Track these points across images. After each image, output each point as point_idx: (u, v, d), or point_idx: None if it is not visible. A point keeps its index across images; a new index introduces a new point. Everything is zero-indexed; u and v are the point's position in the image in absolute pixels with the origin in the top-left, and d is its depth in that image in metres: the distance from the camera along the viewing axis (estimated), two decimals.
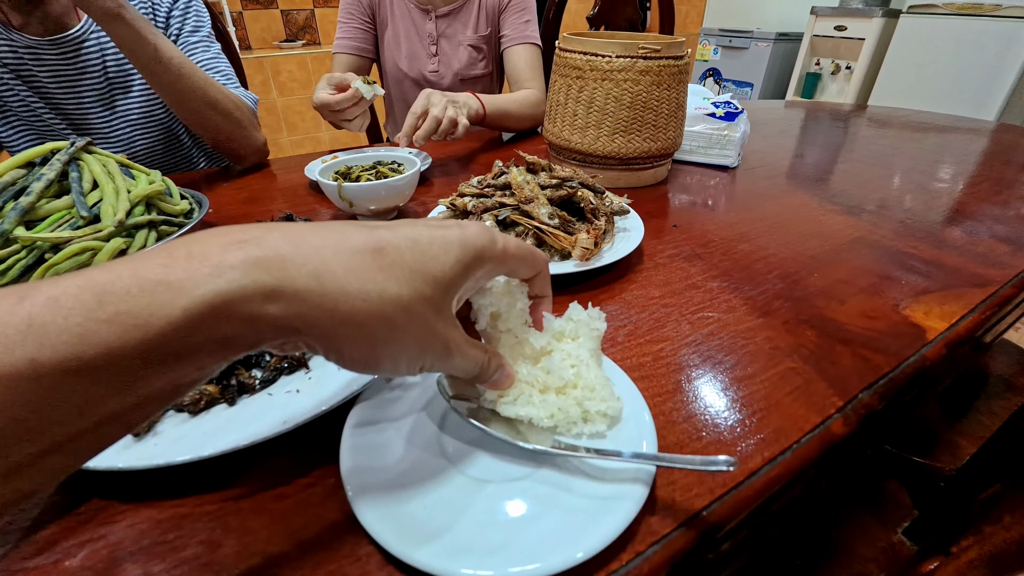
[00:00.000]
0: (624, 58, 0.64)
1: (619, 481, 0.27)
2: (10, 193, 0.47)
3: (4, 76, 0.75)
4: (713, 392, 0.36)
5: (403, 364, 0.23)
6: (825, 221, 0.64)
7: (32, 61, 0.75)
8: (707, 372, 0.38)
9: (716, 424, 0.34)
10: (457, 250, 0.23)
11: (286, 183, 0.79)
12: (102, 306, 0.16)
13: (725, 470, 0.24)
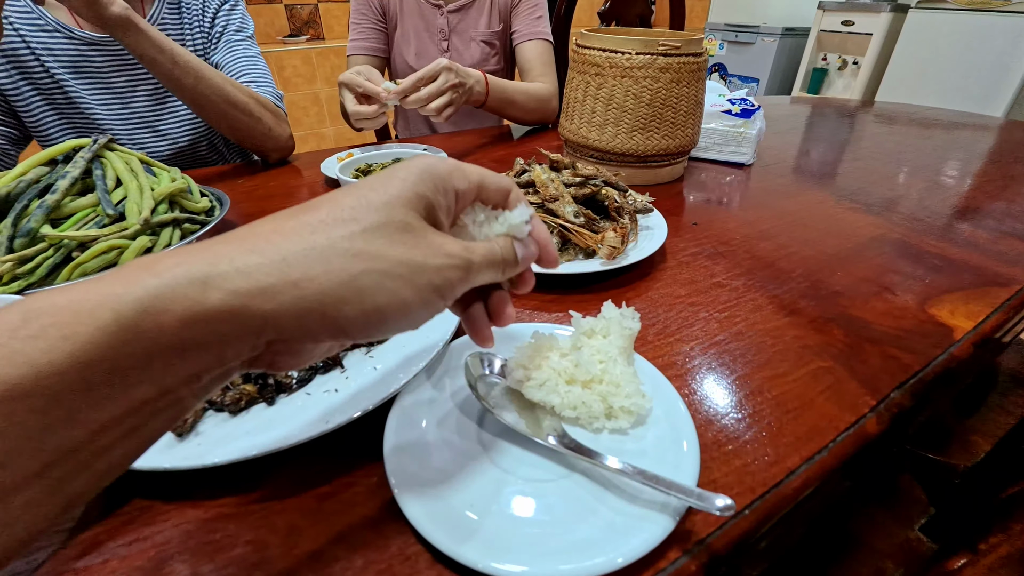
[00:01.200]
0: (644, 55, 0.64)
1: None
2: (35, 191, 0.47)
3: (60, 72, 0.76)
4: (747, 391, 0.36)
5: (409, 295, 0.19)
6: (843, 219, 0.64)
7: (95, 55, 0.78)
8: (740, 371, 0.38)
9: (753, 422, 0.34)
10: (401, 175, 0.21)
11: (302, 180, 0.79)
12: (27, 323, 0.14)
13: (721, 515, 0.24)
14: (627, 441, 0.31)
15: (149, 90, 0.83)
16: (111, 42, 0.78)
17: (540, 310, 0.45)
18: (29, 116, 0.78)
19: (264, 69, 0.87)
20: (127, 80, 0.81)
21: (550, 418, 0.31)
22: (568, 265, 0.47)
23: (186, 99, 0.73)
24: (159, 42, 0.66)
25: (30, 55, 0.74)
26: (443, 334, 0.36)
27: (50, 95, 0.78)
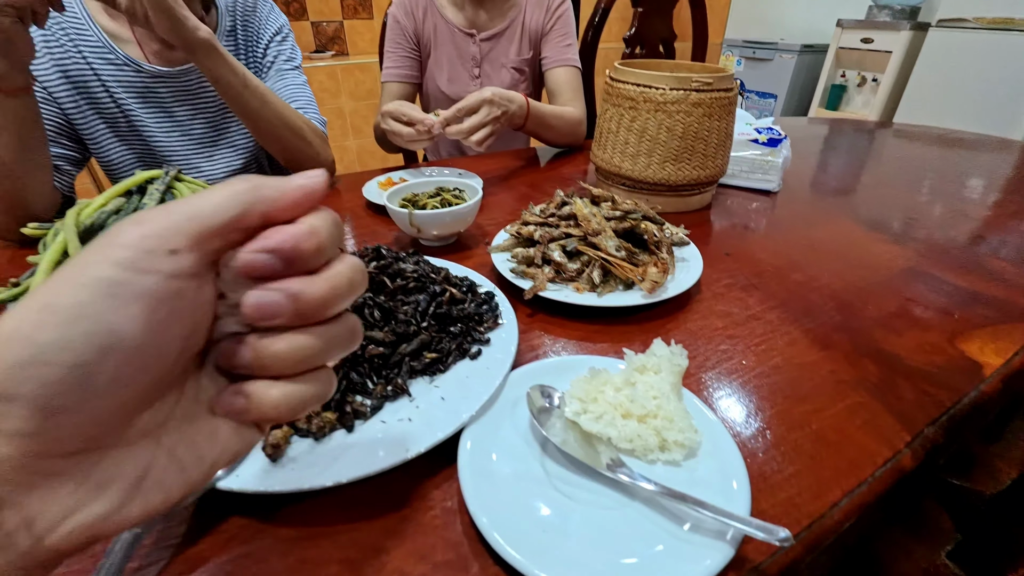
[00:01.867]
0: (677, 91, 0.66)
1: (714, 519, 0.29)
2: (119, 219, 0.51)
3: (127, 102, 0.82)
4: (788, 424, 0.39)
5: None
6: (872, 250, 0.66)
7: (160, 88, 0.83)
8: (780, 404, 0.40)
9: (795, 455, 0.36)
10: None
11: (344, 203, 0.83)
12: None
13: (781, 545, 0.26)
14: (680, 472, 0.33)
15: (207, 118, 0.89)
16: (176, 76, 0.83)
17: (586, 340, 0.48)
18: (92, 140, 0.83)
19: (311, 97, 0.92)
20: (188, 110, 0.86)
21: (607, 448, 0.34)
22: (611, 297, 0.50)
23: (249, 121, 0.78)
24: (234, 66, 0.72)
25: (99, 86, 0.80)
26: (503, 366, 0.39)
27: (114, 122, 0.83)
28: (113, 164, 0.87)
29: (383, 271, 0.46)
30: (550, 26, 1.09)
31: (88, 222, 0.51)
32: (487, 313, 0.45)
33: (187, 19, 0.65)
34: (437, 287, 0.45)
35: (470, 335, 0.43)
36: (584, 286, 0.51)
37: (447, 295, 0.45)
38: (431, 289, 0.45)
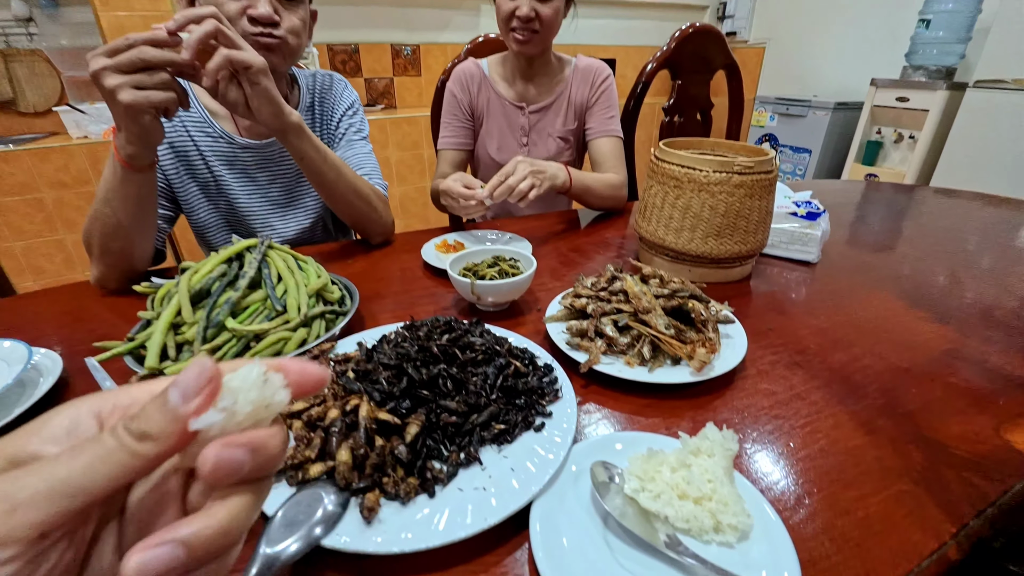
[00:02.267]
0: (720, 173, 0.71)
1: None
2: (222, 285, 0.59)
3: (218, 168, 0.94)
4: (836, 510, 0.41)
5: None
6: (915, 329, 0.68)
7: (247, 156, 0.95)
8: (826, 489, 0.43)
9: (843, 542, 0.38)
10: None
11: (404, 264, 0.90)
12: None
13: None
14: (734, 554, 0.36)
15: (284, 183, 0.99)
16: (261, 147, 0.95)
17: (638, 414, 0.51)
18: (185, 201, 0.94)
19: (375, 164, 1.01)
20: (268, 176, 0.97)
21: (664, 525, 0.37)
22: (661, 373, 0.53)
23: (324, 190, 0.87)
24: (316, 144, 0.81)
25: (197, 155, 0.91)
26: (566, 440, 0.43)
27: (206, 186, 0.94)
28: (201, 221, 0.98)
29: (455, 343, 0.51)
30: (594, 100, 1.17)
31: (198, 287, 0.58)
32: (548, 386, 0.50)
33: (283, 107, 0.74)
34: (502, 359, 0.50)
35: (534, 408, 0.47)
36: (634, 360, 0.55)
37: (512, 368, 0.50)
38: (497, 362, 0.50)
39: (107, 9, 1.55)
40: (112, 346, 0.57)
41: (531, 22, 1.03)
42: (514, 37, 1.06)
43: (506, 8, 1.03)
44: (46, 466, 0.16)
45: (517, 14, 1.02)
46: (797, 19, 3.51)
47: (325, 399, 0.47)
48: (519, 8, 1.02)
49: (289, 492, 0.39)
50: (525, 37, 1.05)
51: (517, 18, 1.03)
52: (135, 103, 0.61)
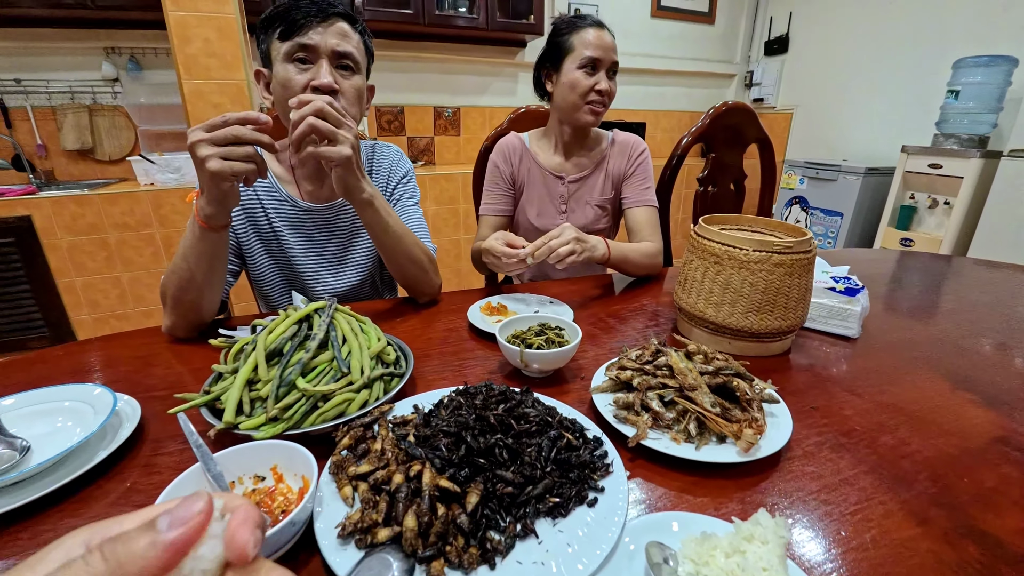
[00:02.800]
0: (761, 252, 0.75)
1: None
2: (294, 346, 0.64)
3: (281, 228, 1.03)
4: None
5: None
6: (963, 414, 0.68)
7: (307, 218, 1.04)
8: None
9: None
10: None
11: (451, 325, 0.94)
12: None
13: None
14: None
15: (338, 242, 1.08)
16: (321, 210, 1.04)
17: (685, 492, 0.52)
18: (250, 257, 1.03)
19: (426, 229, 1.09)
20: (324, 235, 1.06)
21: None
22: (707, 451, 0.55)
23: (384, 253, 0.95)
24: (383, 216, 0.89)
25: (263, 216, 1.00)
26: (619, 517, 0.45)
27: (268, 244, 1.02)
28: (261, 275, 1.05)
29: (510, 413, 0.54)
30: (631, 172, 1.24)
31: (272, 346, 0.63)
32: (599, 460, 0.52)
33: (360, 185, 0.83)
34: (555, 431, 0.53)
35: (586, 482, 0.49)
36: (680, 436, 0.57)
37: (564, 440, 0.52)
38: (550, 433, 0.52)
39: (189, 77, 1.73)
40: (190, 397, 0.62)
41: (605, 96, 1.14)
42: (591, 109, 1.16)
43: (586, 84, 1.14)
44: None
45: (598, 88, 1.13)
46: (824, 87, 3.62)
47: (389, 462, 0.50)
48: (599, 83, 1.13)
49: (357, 556, 0.42)
50: (600, 110, 1.16)
51: (597, 92, 1.13)
52: (220, 171, 0.70)
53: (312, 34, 0.87)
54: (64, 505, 0.51)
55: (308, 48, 0.87)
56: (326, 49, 0.88)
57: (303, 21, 0.86)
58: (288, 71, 0.88)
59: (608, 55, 1.13)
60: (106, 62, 2.50)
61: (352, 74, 0.94)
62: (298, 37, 0.86)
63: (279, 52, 0.88)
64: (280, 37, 0.88)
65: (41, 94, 2.48)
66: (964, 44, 2.81)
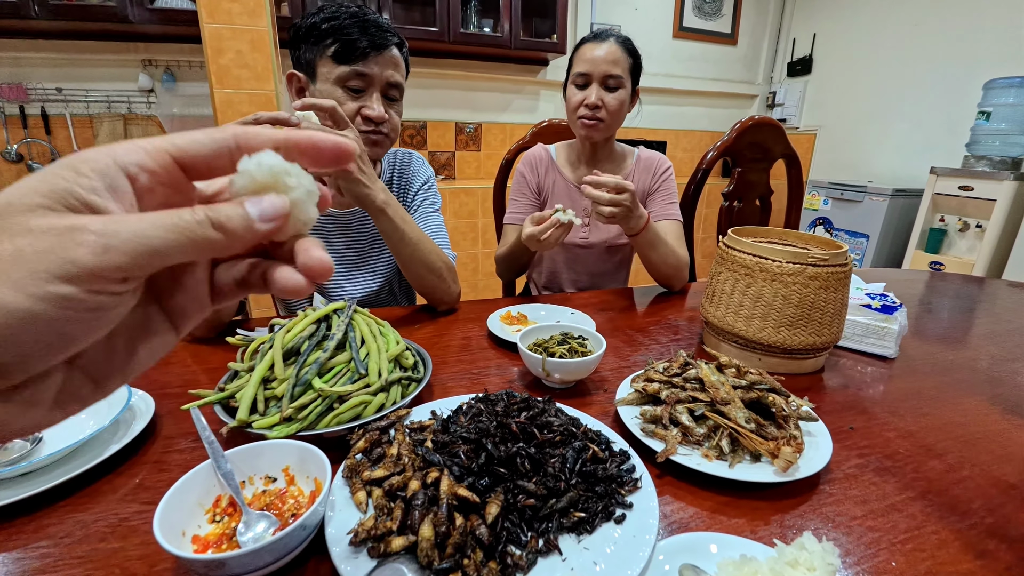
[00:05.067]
0: (795, 264, 0.72)
1: None
2: (311, 345, 0.62)
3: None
4: None
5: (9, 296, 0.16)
6: (1016, 440, 0.63)
7: (328, 223, 1.04)
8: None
9: None
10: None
11: (469, 332, 0.92)
12: None
13: None
14: None
15: (357, 249, 1.07)
16: (341, 216, 1.04)
17: (718, 512, 0.49)
18: None
19: (446, 236, 1.07)
20: (344, 241, 1.05)
21: None
22: (742, 470, 0.51)
23: (400, 260, 0.93)
24: (398, 223, 0.88)
25: None
26: (650, 536, 0.42)
27: None
28: None
29: (532, 421, 0.52)
30: (656, 188, 1.22)
31: (290, 344, 0.62)
32: (626, 475, 0.49)
33: (368, 193, 0.82)
34: (579, 443, 0.50)
35: (613, 497, 0.46)
36: (712, 453, 0.54)
37: (590, 453, 0.49)
38: (575, 444, 0.50)
39: (221, 87, 1.78)
40: (204, 394, 0.60)
41: (598, 109, 1.11)
42: (581, 123, 1.14)
43: (576, 99, 1.12)
44: (133, 222, 0.18)
45: (585, 102, 1.11)
46: (848, 108, 3.58)
47: (405, 468, 0.47)
48: (587, 97, 1.10)
49: (369, 565, 0.39)
50: (591, 123, 1.13)
51: (585, 106, 1.11)
52: None
53: (371, 63, 0.88)
54: (72, 499, 0.49)
55: (364, 77, 0.88)
56: (381, 80, 0.90)
57: (366, 46, 0.86)
58: (338, 95, 0.89)
59: (598, 68, 1.10)
60: (143, 74, 2.58)
61: (397, 103, 0.96)
62: (356, 65, 0.87)
63: (330, 72, 0.88)
64: (335, 58, 0.87)
65: (80, 103, 2.57)
66: (994, 65, 2.75)
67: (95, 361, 0.21)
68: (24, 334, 0.17)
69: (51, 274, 0.17)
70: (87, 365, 0.21)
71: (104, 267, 0.17)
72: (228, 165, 0.22)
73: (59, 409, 0.20)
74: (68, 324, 0.18)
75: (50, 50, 2.48)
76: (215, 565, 0.37)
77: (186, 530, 0.42)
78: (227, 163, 0.22)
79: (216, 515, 0.45)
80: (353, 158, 0.24)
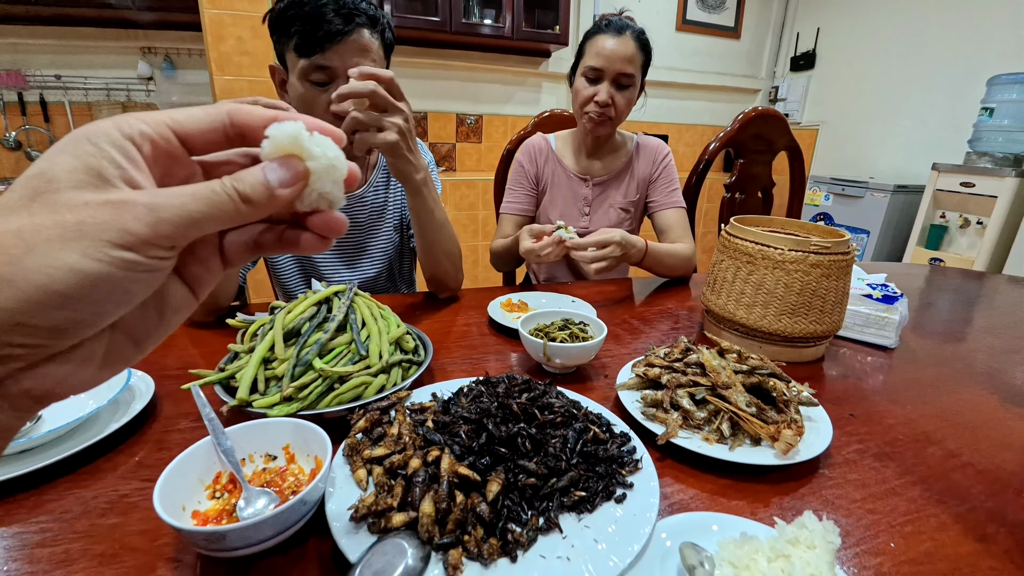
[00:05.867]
0: (797, 252, 0.71)
1: None
2: (312, 327, 0.62)
3: None
4: None
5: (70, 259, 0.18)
6: (1015, 429, 0.63)
7: None
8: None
9: None
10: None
11: (470, 320, 0.92)
12: None
13: None
14: None
15: (356, 236, 1.07)
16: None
17: (719, 495, 0.49)
18: None
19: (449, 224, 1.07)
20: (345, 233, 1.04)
21: None
22: (742, 453, 0.51)
23: (423, 242, 0.93)
24: (432, 205, 0.87)
25: None
26: (650, 515, 0.42)
27: None
28: (278, 263, 1.05)
29: (534, 403, 0.52)
30: (657, 175, 1.21)
31: (290, 326, 0.62)
32: (627, 456, 0.49)
33: (410, 172, 0.81)
34: (580, 423, 0.50)
35: (614, 477, 0.46)
36: (712, 436, 0.53)
37: (591, 434, 0.49)
38: (576, 426, 0.50)
39: (221, 74, 1.77)
40: (204, 374, 0.60)
41: (607, 108, 1.10)
42: (589, 118, 1.13)
43: (586, 93, 1.11)
44: (175, 196, 0.21)
45: (596, 99, 1.10)
46: (851, 104, 3.56)
47: (405, 447, 0.47)
48: (598, 94, 1.09)
49: (369, 540, 0.39)
50: (599, 120, 1.12)
51: (595, 103, 1.10)
52: None
53: (331, 54, 0.81)
54: (72, 476, 0.49)
55: (326, 70, 0.83)
56: (343, 71, 0.82)
57: (323, 37, 0.80)
58: (307, 90, 0.84)
59: (612, 65, 1.07)
60: (142, 61, 2.57)
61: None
62: (316, 57, 0.81)
63: (295, 65, 0.84)
64: (296, 51, 0.82)
65: (79, 90, 2.55)
66: (998, 61, 2.74)
67: (133, 324, 0.23)
68: (96, 293, 0.19)
69: (112, 243, 0.19)
70: (127, 328, 0.23)
71: (156, 236, 0.20)
72: (222, 140, 0.24)
73: (108, 367, 0.23)
74: (131, 283, 0.20)
75: (49, 36, 2.46)
76: (215, 538, 0.37)
77: (186, 505, 0.42)
78: (221, 137, 0.24)
79: (216, 491, 0.45)
80: (353, 183, 0.26)
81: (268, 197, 0.22)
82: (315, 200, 0.24)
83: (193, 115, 0.23)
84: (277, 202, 0.23)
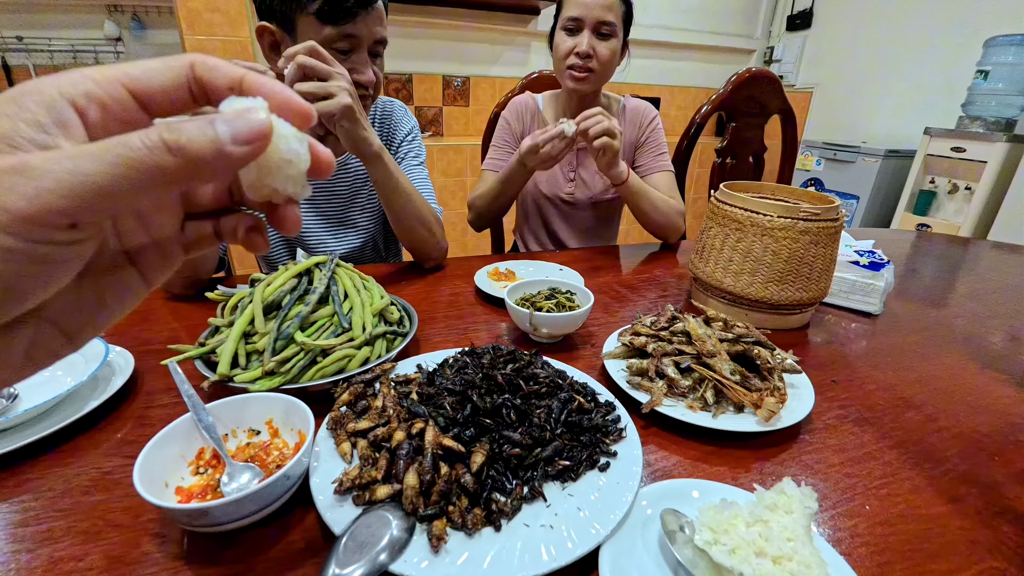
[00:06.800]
0: (786, 219, 0.71)
1: None
2: (292, 299, 0.61)
3: None
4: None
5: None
6: (992, 393, 0.64)
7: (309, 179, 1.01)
8: (909, 559, 0.40)
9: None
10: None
11: (456, 289, 0.91)
12: None
13: None
14: None
15: (339, 203, 1.04)
16: None
17: (701, 461, 0.50)
18: None
19: (431, 189, 1.04)
20: (325, 196, 1.02)
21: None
22: (725, 420, 0.52)
23: (391, 213, 0.90)
24: (393, 171, 0.85)
25: None
26: (633, 483, 0.42)
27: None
28: None
29: (518, 373, 0.51)
30: (643, 140, 1.19)
31: (270, 299, 0.61)
32: (611, 425, 0.49)
33: (367, 137, 0.78)
34: (566, 394, 0.50)
35: (598, 446, 0.46)
36: (696, 404, 0.54)
37: (576, 403, 0.49)
38: (561, 396, 0.50)
39: (192, 33, 1.68)
40: (184, 349, 0.59)
41: (588, 59, 1.06)
42: (570, 74, 1.09)
43: (566, 46, 1.07)
44: (69, 157, 0.16)
45: (576, 51, 1.05)
46: (846, 66, 3.50)
47: (390, 419, 0.47)
48: (578, 45, 1.05)
49: (354, 513, 0.40)
50: (581, 75, 1.08)
51: (575, 55, 1.06)
52: None
53: (359, 24, 0.82)
54: (53, 454, 0.49)
55: (352, 38, 0.83)
56: (369, 39, 0.84)
57: (354, 4, 0.79)
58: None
59: (592, 12, 1.03)
60: (109, 20, 2.43)
61: (380, 57, 0.90)
62: (344, 26, 0.80)
63: (313, 31, 0.81)
64: (319, 16, 0.79)
65: (43, 52, 2.42)
66: (997, 22, 2.68)
67: (64, 313, 0.20)
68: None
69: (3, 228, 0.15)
70: (56, 317, 0.20)
71: (39, 213, 0.15)
72: (187, 99, 0.20)
73: (31, 363, 0.19)
74: (13, 279, 0.16)
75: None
76: (198, 514, 0.37)
77: (169, 482, 0.42)
78: (186, 96, 0.20)
79: (200, 467, 0.44)
80: (311, 123, 0.22)
81: (214, 152, 0.17)
82: (267, 194, 0.22)
83: (152, 69, 0.19)
84: (226, 161, 0.17)
